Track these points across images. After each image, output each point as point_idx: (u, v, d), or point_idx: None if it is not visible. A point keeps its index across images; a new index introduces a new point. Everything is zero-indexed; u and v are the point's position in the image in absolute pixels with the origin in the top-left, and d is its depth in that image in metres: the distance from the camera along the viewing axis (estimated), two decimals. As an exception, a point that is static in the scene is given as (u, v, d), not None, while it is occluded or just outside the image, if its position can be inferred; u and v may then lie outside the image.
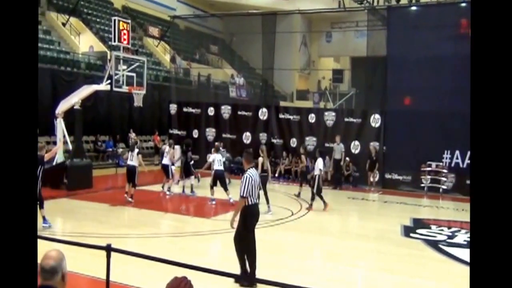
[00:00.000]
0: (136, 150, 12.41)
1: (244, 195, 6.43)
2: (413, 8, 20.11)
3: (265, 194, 11.60)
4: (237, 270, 6.52)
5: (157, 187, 14.38)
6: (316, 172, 12.27)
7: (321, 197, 12.26)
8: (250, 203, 6.49)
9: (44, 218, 9.29)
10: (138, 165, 12.40)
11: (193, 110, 20.49)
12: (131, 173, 12.28)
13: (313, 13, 26.51)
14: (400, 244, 9.35)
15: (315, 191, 12.25)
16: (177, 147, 14.60)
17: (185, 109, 20.63)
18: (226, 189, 12.56)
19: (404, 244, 9.38)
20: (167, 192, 13.73)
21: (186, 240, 9.32)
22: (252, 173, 6.56)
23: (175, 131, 20.55)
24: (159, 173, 14.61)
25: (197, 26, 32.81)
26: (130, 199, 12.24)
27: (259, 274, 6.44)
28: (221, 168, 12.62)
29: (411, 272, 7.65)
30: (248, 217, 6.50)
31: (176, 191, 14.00)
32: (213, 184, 12.61)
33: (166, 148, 14.08)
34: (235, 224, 6.61)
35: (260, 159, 11.71)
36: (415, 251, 8.88)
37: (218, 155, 12.78)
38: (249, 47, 28.43)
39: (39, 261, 2.63)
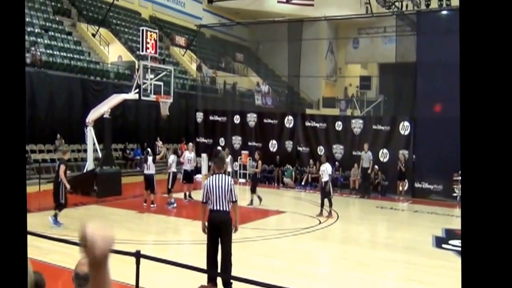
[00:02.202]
0: (150, 158, 12.83)
1: (202, 200, 6.49)
2: (444, 12, 19.71)
3: None
4: (262, 278, 6.43)
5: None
6: (325, 178, 12.07)
7: (323, 203, 12.15)
8: (210, 209, 6.42)
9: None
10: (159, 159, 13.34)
11: (219, 118, 20.58)
12: (149, 181, 12.67)
13: (339, 20, 26.35)
14: (431, 255, 9.08)
15: (323, 196, 12.12)
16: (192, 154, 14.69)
17: (211, 117, 20.74)
18: (169, 192, 13.02)
19: (436, 255, 9.11)
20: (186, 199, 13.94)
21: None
22: (210, 179, 6.48)
23: (202, 139, 20.68)
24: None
25: (223, 34, 33.06)
26: (152, 205, 12.55)
27: (287, 283, 6.33)
28: (175, 170, 13.11)
29: (443, 284, 7.40)
30: (208, 223, 6.48)
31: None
32: (171, 187, 12.99)
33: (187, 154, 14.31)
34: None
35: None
36: (448, 262, 8.59)
37: (176, 158, 13.31)
38: (274, 55, 28.46)
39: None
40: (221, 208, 6.33)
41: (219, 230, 6.42)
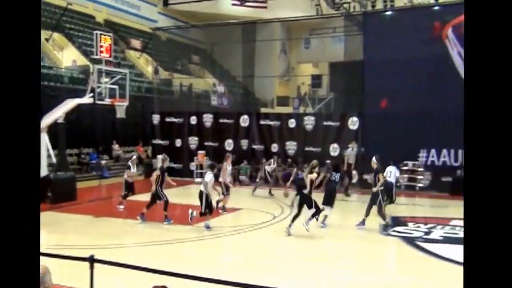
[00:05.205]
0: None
1: None
2: (388, 13, 20.62)
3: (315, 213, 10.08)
4: (222, 275, 6.69)
5: (144, 197, 14.51)
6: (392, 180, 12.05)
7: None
8: None
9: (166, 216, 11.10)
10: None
11: (176, 120, 20.70)
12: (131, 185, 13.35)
13: (291, 21, 26.94)
14: (378, 242, 9.64)
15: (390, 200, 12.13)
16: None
17: (167, 119, 20.82)
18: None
19: (382, 242, 9.68)
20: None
21: (168, 248, 9.50)
22: None
23: (158, 141, 20.76)
24: (136, 182, 14.26)
25: (179, 37, 33.04)
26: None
27: (243, 278, 6.62)
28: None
29: (390, 269, 7.93)
30: None
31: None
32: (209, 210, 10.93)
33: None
34: None
35: (313, 176, 9.56)
36: (393, 248, 9.18)
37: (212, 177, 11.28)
38: (229, 56, 28.70)
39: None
40: None
41: None
